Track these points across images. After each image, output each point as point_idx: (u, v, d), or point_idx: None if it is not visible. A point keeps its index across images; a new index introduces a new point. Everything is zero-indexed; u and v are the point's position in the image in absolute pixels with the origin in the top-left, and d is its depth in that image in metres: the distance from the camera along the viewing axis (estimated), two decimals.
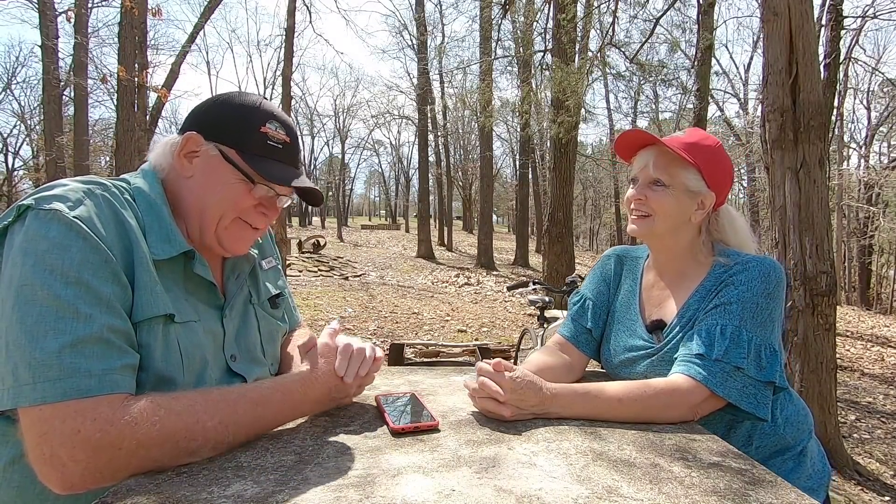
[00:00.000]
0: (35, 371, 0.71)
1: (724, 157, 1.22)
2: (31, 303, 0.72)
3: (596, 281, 1.40)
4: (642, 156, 1.22)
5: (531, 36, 10.21)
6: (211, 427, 0.78)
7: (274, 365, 1.13)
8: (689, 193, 1.19)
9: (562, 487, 0.71)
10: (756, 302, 1.08)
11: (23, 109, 24.64)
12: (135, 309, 0.82)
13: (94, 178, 0.89)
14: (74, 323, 0.73)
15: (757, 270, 1.12)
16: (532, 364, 1.27)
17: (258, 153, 0.97)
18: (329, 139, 41.51)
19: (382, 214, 64.45)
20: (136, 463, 0.73)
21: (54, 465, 0.71)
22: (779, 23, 3.56)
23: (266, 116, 0.99)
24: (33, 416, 0.71)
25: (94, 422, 0.71)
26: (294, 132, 1.03)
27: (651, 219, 1.20)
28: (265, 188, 0.98)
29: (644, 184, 1.21)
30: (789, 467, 1.19)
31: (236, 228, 0.99)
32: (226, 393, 0.83)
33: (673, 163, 1.18)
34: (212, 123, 0.98)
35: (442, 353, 5.92)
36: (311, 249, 17.96)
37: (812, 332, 3.53)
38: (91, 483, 0.72)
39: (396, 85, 41.77)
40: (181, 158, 0.96)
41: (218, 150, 0.96)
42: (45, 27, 12.75)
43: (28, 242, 0.75)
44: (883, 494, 3.45)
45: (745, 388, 1.03)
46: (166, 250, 0.90)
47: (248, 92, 1.03)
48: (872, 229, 17.62)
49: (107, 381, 0.74)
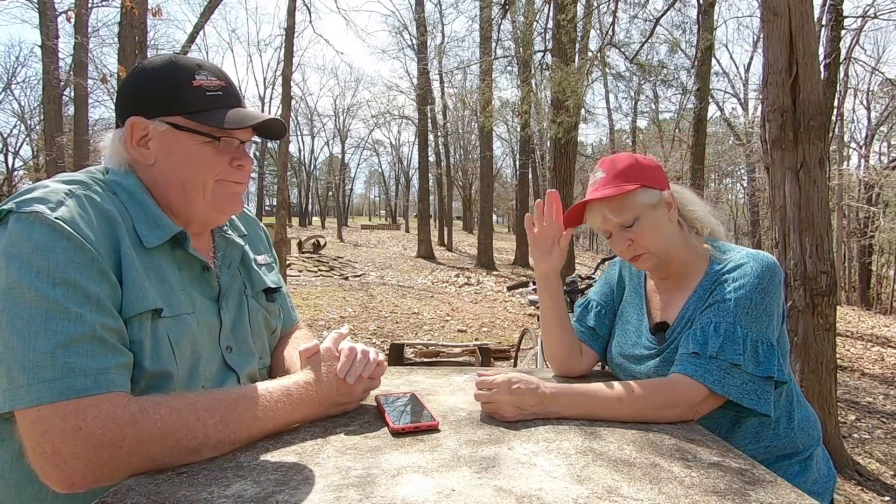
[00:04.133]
0: (29, 372, 0.71)
1: (639, 158, 1.23)
2: (19, 305, 0.72)
3: (601, 285, 1.45)
4: (592, 214, 1.22)
5: (531, 36, 10.21)
6: (212, 425, 0.78)
7: (263, 357, 1.13)
8: (653, 207, 1.18)
9: (562, 487, 0.71)
10: (750, 297, 1.09)
11: (23, 109, 24.66)
12: (124, 306, 0.82)
13: (75, 177, 0.88)
14: (66, 323, 0.73)
15: (751, 266, 1.12)
16: (548, 348, 1.34)
17: (204, 108, 0.93)
18: (329, 139, 41.49)
19: (382, 214, 64.43)
20: (137, 462, 0.73)
21: (56, 462, 0.71)
22: (779, 23, 3.56)
23: (190, 70, 0.94)
24: (32, 417, 0.71)
25: (95, 419, 0.71)
26: (224, 73, 0.99)
27: (648, 254, 1.20)
28: (229, 141, 0.96)
29: (616, 232, 1.20)
30: (795, 471, 1.19)
31: (222, 190, 0.97)
32: (227, 393, 0.84)
33: (624, 199, 1.17)
34: (144, 100, 0.93)
35: (442, 353, 5.91)
36: (310, 249, 17.96)
37: (812, 332, 3.53)
38: (92, 481, 0.72)
39: (396, 85, 41.68)
40: (136, 148, 0.94)
41: (165, 123, 0.92)
42: (45, 27, 12.75)
43: (12, 246, 0.75)
44: (883, 494, 3.45)
45: (744, 385, 1.03)
46: (157, 236, 0.90)
47: (154, 56, 0.99)
48: (872, 229, 17.60)
49: (102, 380, 0.74)
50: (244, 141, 1.00)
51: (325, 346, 0.98)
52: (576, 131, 9.53)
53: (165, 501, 0.65)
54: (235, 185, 0.99)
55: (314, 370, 0.94)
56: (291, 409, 0.89)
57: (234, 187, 0.99)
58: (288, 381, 0.92)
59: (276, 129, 1.02)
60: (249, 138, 1.01)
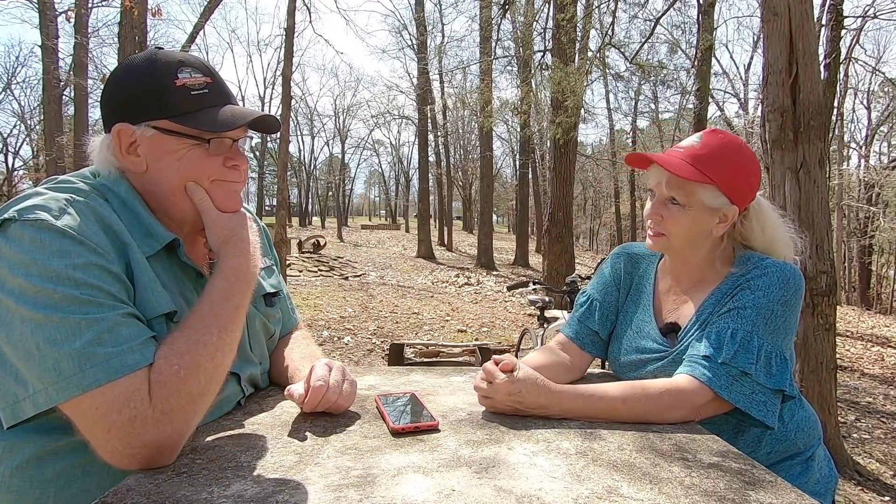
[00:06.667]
0: (80, 362, 0.72)
1: (746, 160, 1.14)
2: (50, 307, 0.73)
3: (604, 281, 1.36)
4: (656, 171, 1.16)
5: (531, 36, 10.21)
6: (217, 340, 0.81)
7: (264, 363, 1.12)
8: (709, 210, 1.12)
9: (562, 487, 0.71)
10: (772, 308, 1.06)
11: (23, 109, 24.70)
12: (139, 309, 0.82)
13: (69, 185, 0.87)
14: (100, 311, 0.75)
15: (776, 276, 1.08)
16: (529, 363, 1.25)
17: (189, 110, 0.90)
18: (329, 139, 41.48)
19: (382, 214, 64.44)
20: (198, 403, 0.79)
21: (139, 424, 0.73)
22: (779, 23, 3.56)
23: (172, 68, 0.90)
24: (94, 400, 0.72)
25: (144, 389, 0.75)
26: (209, 67, 0.94)
27: (666, 238, 1.16)
28: (220, 141, 0.92)
29: (660, 201, 1.16)
30: (797, 472, 1.18)
31: (218, 189, 0.94)
32: (197, 314, 0.84)
33: (685, 182, 1.11)
34: (128, 104, 0.90)
35: (442, 353, 5.91)
36: (310, 249, 17.95)
37: (812, 332, 3.53)
38: (187, 420, 0.77)
39: (396, 85, 41.66)
40: (126, 157, 0.90)
41: (152, 129, 0.89)
42: (45, 27, 12.76)
43: (24, 253, 0.74)
44: (883, 494, 3.45)
45: (753, 395, 1.01)
46: (151, 245, 0.89)
47: (136, 55, 0.95)
48: (872, 229, 17.60)
49: (148, 352, 0.77)
50: (237, 139, 0.96)
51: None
52: (575, 131, 9.52)
53: (165, 501, 0.65)
54: (232, 184, 0.96)
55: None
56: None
57: (232, 185, 0.96)
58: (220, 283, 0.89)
59: (269, 123, 0.99)
60: (243, 136, 0.98)
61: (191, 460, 0.78)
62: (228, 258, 0.90)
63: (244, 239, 0.93)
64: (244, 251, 0.91)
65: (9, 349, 0.74)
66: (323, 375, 0.94)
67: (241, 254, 0.91)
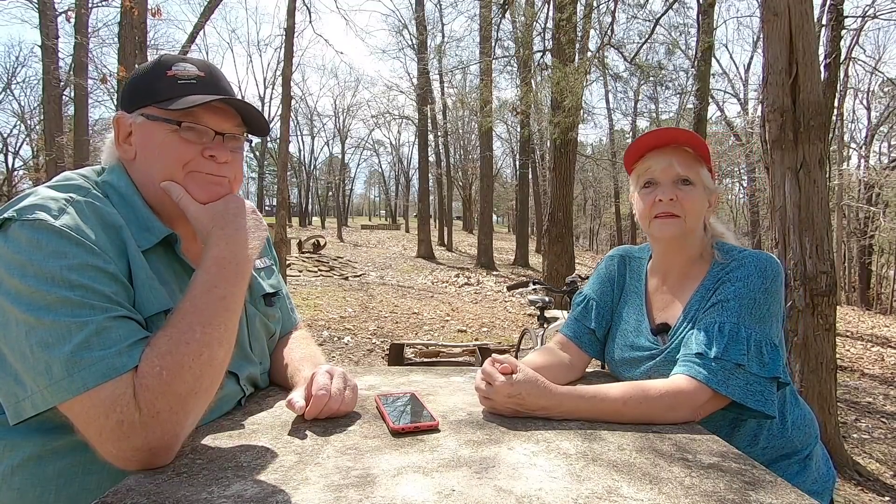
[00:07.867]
0: (69, 366, 0.71)
1: None
2: (43, 309, 0.73)
3: (600, 281, 1.40)
4: (663, 155, 1.18)
5: (530, 36, 10.21)
6: (200, 336, 0.78)
7: (264, 362, 1.12)
8: (707, 191, 1.20)
9: (562, 487, 0.71)
10: (754, 298, 1.08)
11: (23, 109, 24.68)
12: (137, 307, 0.82)
13: (70, 183, 0.87)
14: (92, 314, 0.74)
15: (753, 266, 1.12)
16: (529, 364, 1.26)
17: (171, 96, 0.92)
18: (329, 139, 41.48)
19: (382, 214, 64.42)
20: (189, 403, 0.76)
21: (127, 428, 0.72)
22: (779, 23, 3.56)
23: (169, 62, 0.95)
24: (83, 404, 0.72)
25: (130, 390, 0.73)
26: (209, 66, 0.97)
27: (681, 220, 1.17)
28: (201, 130, 0.93)
29: (671, 183, 1.18)
30: (795, 471, 1.19)
31: (192, 181, 0.93)
32: (178, 311, 0.81)
33: (694, 161, 1.19)
34: (126, 94, 0.96)
35: (442, 353, 5.91)
36: (310, 249, 17.95)
37: (812, 333, 3.53)
38: (178, 422, 0.75)
39: (396, 85, 41.78)
40: (122, 145, 0.95)
41: (141, 116, 0.93)
42: (45, 27, 12.75)
43: (21, 253, 0.75)
44: (883, 494, 3.45)
45: (748, 386, 1.02)
46: (148, 239, 0.89)
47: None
48: (872, 229, 17.61)
49: (135, 354, 0.75)
50: (222, 133, 0.95)
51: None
52: (575, 131, 9.52)
53: (165, 501, 0.65)
54: (210, 177, 0.94)
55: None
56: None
57: (207, 177, 0.94)
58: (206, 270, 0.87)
59: (258, 125, 1.00)
60: (231, 131, 0.97)
61: (191, 460, 0.78)
62: (210, 248, 0.87)
63: (231, 226, 0.90)
64: (230, 238, 0.88)
65: (7, 350, 0.75)
66: (325, 384, 0.94)
67: (224, 242, 0.87)
